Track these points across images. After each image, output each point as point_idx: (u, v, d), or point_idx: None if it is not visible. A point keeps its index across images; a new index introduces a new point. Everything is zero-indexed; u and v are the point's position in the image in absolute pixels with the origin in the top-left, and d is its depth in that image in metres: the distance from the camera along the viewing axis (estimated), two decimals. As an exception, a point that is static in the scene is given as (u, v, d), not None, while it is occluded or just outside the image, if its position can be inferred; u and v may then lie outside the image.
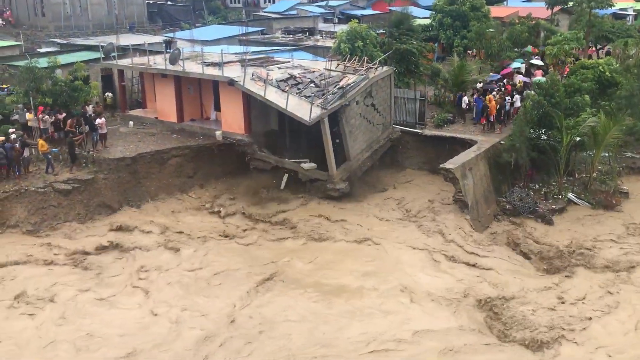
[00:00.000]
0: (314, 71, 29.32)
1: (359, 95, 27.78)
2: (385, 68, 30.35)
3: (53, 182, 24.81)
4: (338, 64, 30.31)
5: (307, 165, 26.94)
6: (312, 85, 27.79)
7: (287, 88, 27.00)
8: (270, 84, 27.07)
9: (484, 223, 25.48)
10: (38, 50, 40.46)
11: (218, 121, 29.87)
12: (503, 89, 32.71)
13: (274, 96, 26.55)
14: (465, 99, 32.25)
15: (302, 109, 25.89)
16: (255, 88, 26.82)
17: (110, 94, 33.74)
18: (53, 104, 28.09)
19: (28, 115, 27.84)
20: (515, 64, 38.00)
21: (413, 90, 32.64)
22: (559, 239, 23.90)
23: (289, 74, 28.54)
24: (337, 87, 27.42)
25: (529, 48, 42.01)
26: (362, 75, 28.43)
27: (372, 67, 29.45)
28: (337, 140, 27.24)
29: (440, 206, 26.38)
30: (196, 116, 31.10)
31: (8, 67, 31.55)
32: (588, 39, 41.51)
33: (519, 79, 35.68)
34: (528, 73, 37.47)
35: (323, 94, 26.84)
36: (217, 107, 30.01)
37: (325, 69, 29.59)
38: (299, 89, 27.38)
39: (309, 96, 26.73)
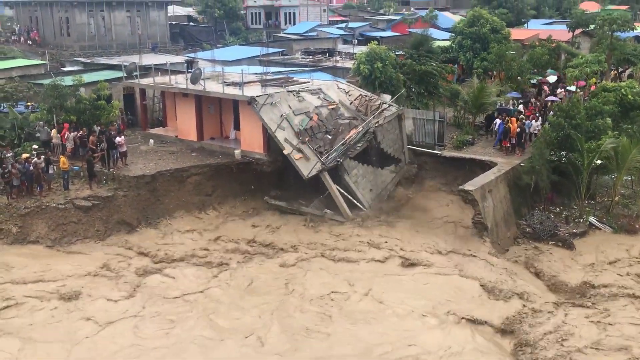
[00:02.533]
0: (331, 108, 29.09)
1: (361, 144, 28.20)
2: (393, 109, 30.32)
3: (73, 198, 25.07)
4: (353, 101, 30.22)
5: (330, 213, 27.02)
6: (327, 135, 27.87)
7: (307, 139, 27.14)
8: (288, 120, 27.25)
9: (504, 246, 25.16)
10: (62, 69, 41.22)
11: (237, 140, 30.06)
12: (522, 113, 32.48)
13: (283, 135, 26.80)
14: (497, 121, 31.54)
15: (305, 161, 26.46)
16: (268, 118, 27.00)
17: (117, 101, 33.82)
18: (77, 121, 28.54)
19: (53, 132, 28.27)
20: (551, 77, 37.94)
21: (432, 112, 32.58)
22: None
23: (308, 116, 28.10)
24: (342, 141, 27.72)
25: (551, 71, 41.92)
26: (367, 127, 28.54)
27: (380, 109, 29.46)
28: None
29: (461, 229, 26.11)
30: (216, 135, 31.32)
31: (33, 85, 32.12)
32: (609, 61, 41.24)
33: (550, 98, 35.49)
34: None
35: (331, 146, 27.33)
36: (237, 126, 30.21)
37: (340, 103, 29.59)
38: (316, 144, 27.42)
39: (319, 151, 27.01)
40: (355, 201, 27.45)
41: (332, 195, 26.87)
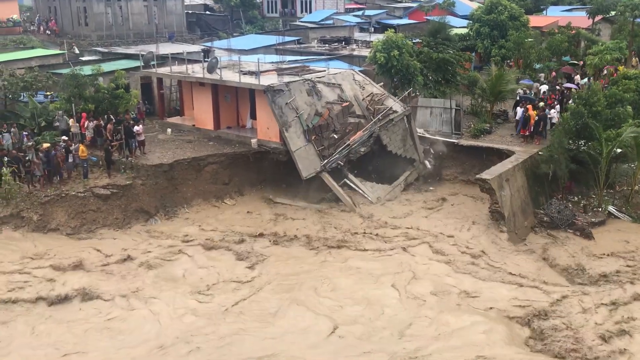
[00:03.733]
0: (343, 105, 28.98)
1: (364, 149, 28.47)
2: (399, 110, 30.12)
3: (92, 187, 25.37)
4: (365, 97, 30.12)
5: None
6: (333, 135, 27.98)
7: (313, 137, 27.35)
8: (298, 115, 27.44)
9: (521, 235, 25.04)
10: (81, 58, 41.54)
11: (254, 129, 30.15)
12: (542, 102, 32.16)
13: (291, 131, 27.05)
14: (519, 109, 31.16)
15: (307, 161, 26.90)
16: (280, 111, 27.10)
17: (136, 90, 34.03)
18: (95, 110, 28.80)
19: (72, 121, 28.56)
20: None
21: (449, 100, 32.40)
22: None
23: (319, 113, 28.09)
24: (346, 143, 27.93)
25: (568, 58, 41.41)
26: (370, 131, 28.58)
27: (385, 111, 29.44)
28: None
29: (477, 218, 26.04)
30: (232, 124, 31.45)
31: (52, 75, 32.45)
32: (631, 49, 40.64)
33: (567, 85, 35.08)
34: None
35: (335, 147, 27.54)
36: (253, 115, 30.30)
37: (355, 98, 29.50)
38: (321, 144, 27.57)
39: (323, 153, 27.23)
40: (364, 194, 27.52)
41: (336, 192, 27.05)
